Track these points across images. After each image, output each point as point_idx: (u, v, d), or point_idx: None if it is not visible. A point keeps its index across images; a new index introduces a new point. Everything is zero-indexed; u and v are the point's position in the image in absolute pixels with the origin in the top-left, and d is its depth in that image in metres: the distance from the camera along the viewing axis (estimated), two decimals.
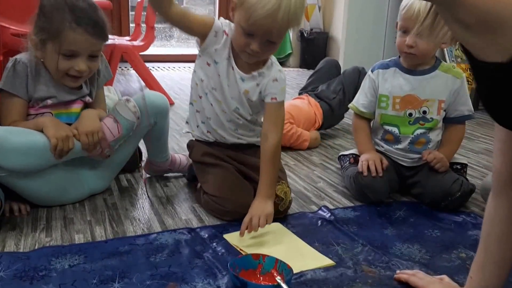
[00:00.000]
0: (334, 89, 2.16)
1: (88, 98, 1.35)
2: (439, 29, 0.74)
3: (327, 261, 1.09)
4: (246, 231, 1.15)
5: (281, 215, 1.29)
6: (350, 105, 1.63)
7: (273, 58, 1.29)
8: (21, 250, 1.10)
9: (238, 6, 1.15)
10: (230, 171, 1.33)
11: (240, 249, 1.12)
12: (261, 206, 1.18)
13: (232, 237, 1.17)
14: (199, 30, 1.25)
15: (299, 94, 2.32)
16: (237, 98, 1.29)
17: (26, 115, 1.27)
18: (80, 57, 1.24)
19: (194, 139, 1.42)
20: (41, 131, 1.22)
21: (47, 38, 1.22)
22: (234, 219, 1.24)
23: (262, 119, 1.35)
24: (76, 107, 1.33)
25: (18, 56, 1.26)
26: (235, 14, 1.17)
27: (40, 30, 1.22)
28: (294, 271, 1.01)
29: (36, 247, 1.11)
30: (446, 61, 1.59)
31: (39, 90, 1.26)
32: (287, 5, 1.09)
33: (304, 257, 1.11)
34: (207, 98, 1.31)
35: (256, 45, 1.15)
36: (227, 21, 1.27)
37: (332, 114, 2.16)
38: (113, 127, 1.32)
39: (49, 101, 1.28)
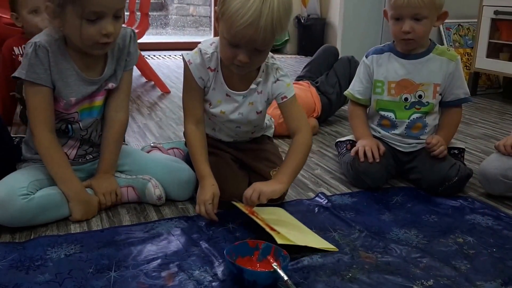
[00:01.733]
0: (331, 82, 2.14)
1: (111, 84, 1.24)
2: None
3: (330, 246, 1.09)
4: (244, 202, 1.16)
5: (277, 202, 1.29)
6: (345, 92, 1.61)
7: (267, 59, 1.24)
8: (16, 241, 1.09)
9: (220, 17, 1.10)
10: (225, 160, 1.32)
11: (256, 215, 1.12)
12: (266, 184, 1.17)
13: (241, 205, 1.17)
14: (202, 92, 1.26)
15: (297, 80, 2.28)
16: (238, 119, 1.28)
17: (52, 104, 1.18)
18: (105, 18, 1.10)
19: None
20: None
21: (67, 1, 1.07)
22: (229, 208, 1.23)
23: (263, 120, 1.36)
24: (99, 100, 1.25)
25: (37, 40, 1.13)
26: (219, 25, 1.13)
27: None
28: (300, 244, 1.02)
29: (31, 237, 1.10)
30: (443, 45, 1.57)
31: (59, 79, 1.16)
32: (269, 12, 1.03)
33: (309, 237, 1.11)
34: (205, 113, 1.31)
35: (243, 56, 1.10)
36: (205, 46, 1.23)
37: (331, 108, 2.16)
38: (133, 198, 1.29)
39: (73, 100, 1.19)
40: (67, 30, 1.13)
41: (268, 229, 1.07)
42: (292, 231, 1.11)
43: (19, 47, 1.72)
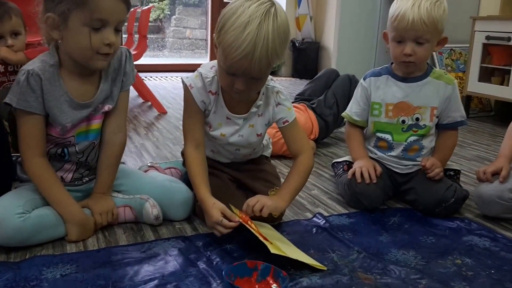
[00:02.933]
0: (328, 103, 2.13)
1: (108, 106, 1.23)
2: None
3: (319, 264, 1.08)
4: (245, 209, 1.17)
5: (275, 222, 1.28)
6: (343, 114, 1.63)
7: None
8: (11, 260, 1.08)
9: (217, 46, 1.11)
10: (223, 181, 1.32)
11: (250, 224, 1.12)
12: (270, 198, 1.18)
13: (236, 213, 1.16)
14: (203, 115, 1.26)
15: (295, 100, 2.28)
16: (238, 141, 1.29)
17: (44, 130, 1.17)
18: (108, 28, 1.09)
19: None
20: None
21: (72, 7, 1.06)
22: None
23: (261, 142, 1.37)
24: (97, 123, 1.24)
25: (30, 67, 1.12)
26: (217, 51, 1.13)
27: (62, 0, 1.06)
28: (292, 256, 1.02)
29: (27, 257, 1.09)
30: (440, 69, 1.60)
31: (54, 107, 1.15)
32: (263, 44, 1.03)
33: (299, 253, 1.11)
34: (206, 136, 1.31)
35: (240, 84, 1.11)
36: (205, 70, 1.23)
37: (327, 130, 2.15)
38: (130, 217, 1.28)
39: (69, 125, 1.18)
40: (67, 41, 1.12)
41: (261, 238, 1.07)
42: (284, 245, 1.11)
43: None
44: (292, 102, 2.23)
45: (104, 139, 1.27)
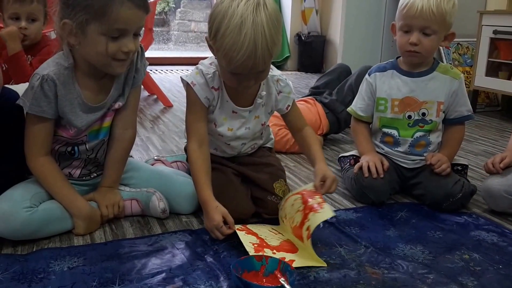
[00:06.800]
0: (343, 99, 2.07)
1: (118, 104, 1.22)
2: None
3: (320, 262, 1.07)
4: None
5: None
6: (348, 109, 1.62)
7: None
8: (19, 253, 1.08)
9: (215, 52, 1.11)
10: (226, 175, 1.31)
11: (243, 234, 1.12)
12: (327, 169, 1.23)
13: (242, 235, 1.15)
14: (207, 111, 1.25)
15: (310, 93, 2.24)
16: (245, 134, 1.29)
17: (52, 132, 1.17)
18: (127, 36, 1.08)
19: None
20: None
21: (90, 18, 1.04)
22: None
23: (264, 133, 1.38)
24: (108, 121, 1.24)
25: (45, 72, 1.10)
26: (214, 54, 1.13)
27: (80, 10, 1.05)
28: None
29: (34, 250, 1.09)
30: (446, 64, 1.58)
31: (69, 112, 1.15)
32: (263, 39, 1.03)
33: (300, 254, 1.10)
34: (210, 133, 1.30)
35: (248, 81, 1.12)
36: (205, 67, 1.22)
37: (339, 126, 2.10)
38: (137, 211, 1.28)
39: (84, 127, 1.18)
40: (84, 48, 1.11)
41: (249, 248, 1.07)
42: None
43: None
44: (305, 96, 2.23)
45: (114, 135, 1.26)
